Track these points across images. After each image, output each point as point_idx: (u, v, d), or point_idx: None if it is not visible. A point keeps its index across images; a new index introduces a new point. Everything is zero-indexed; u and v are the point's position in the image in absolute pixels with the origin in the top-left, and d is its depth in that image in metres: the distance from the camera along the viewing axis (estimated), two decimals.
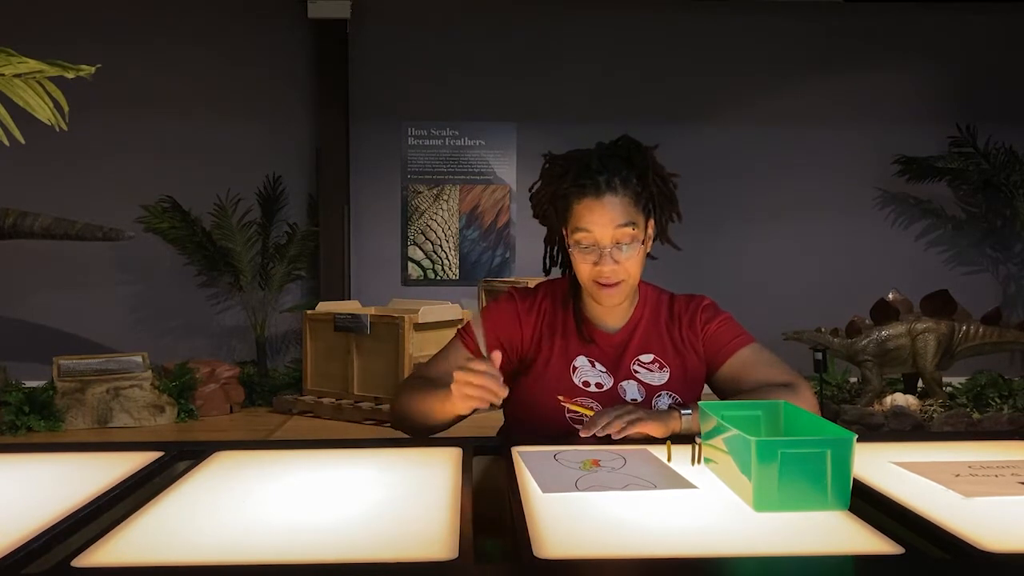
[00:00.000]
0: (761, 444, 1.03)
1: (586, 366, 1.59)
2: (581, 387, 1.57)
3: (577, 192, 1.51)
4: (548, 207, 1.59)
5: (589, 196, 1.50)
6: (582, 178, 1.51)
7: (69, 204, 5.33)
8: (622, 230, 1.50)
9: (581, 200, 1.51)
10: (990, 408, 4.47)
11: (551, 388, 1.57)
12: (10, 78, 2.81)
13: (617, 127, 1.97)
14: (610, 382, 1.58)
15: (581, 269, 1.54)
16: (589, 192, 1.50)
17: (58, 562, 0.87)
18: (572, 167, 1.53)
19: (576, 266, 1.55)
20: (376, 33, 5.96)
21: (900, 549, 0.89)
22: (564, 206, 1.54)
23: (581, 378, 1.58)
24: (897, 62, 6.09)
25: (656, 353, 1.62)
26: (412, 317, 4.85)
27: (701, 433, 1.26)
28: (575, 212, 1.52)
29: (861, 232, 6.10)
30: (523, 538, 0.92)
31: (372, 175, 6.03)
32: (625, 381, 1.58)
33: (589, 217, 1.50)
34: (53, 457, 1.33)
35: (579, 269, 1.55)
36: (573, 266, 1.57)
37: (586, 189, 1.50)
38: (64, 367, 4.80)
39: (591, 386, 1.57)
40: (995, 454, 1.31)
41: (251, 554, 0.90)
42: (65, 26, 5.70)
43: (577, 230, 1.51)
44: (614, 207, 1.49)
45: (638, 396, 1.57)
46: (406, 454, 1.33)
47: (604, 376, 1.58)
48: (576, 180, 1.51)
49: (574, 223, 1.52)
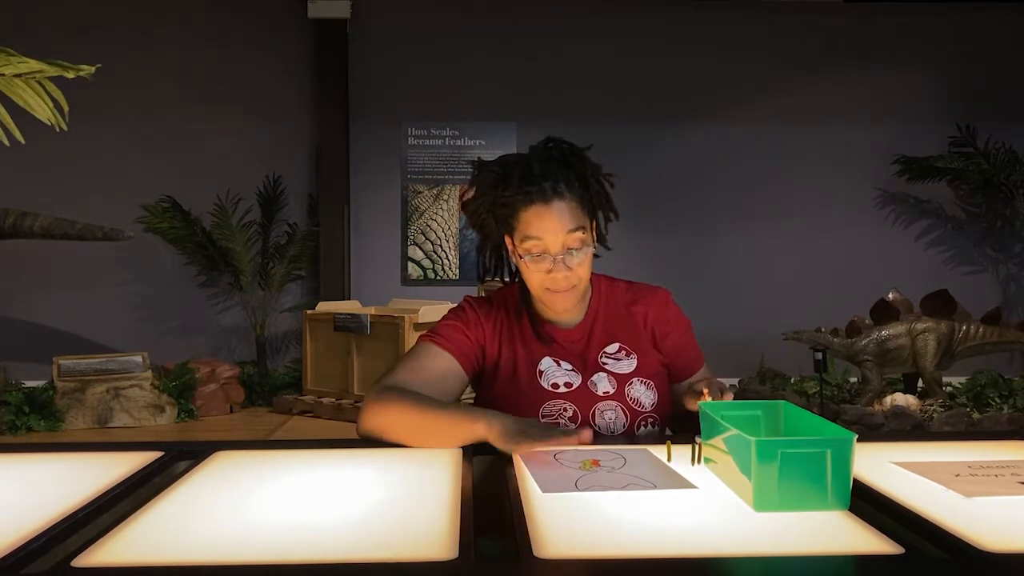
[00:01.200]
0: (761, 444, 1.03)
1: (552, 367, 1.58)
2: (551, 390, 1.55)
3: (523, 200, 1.48)
4: (486, 215, 1.55)
5: (537, 203, 1.47)
6: (527, 185, 1.47)
7: (69, 204, 5.33)
8: (572, 235, 1.48)
9: (528, 207, 1.47)
10: (990, 408, 4.47)
11: (522, 394, 1.56)
12: (10, 78, 2.81)
13: (617, 127, 1.98)
14: (579, 379, 1.57)
15: (532, 278, 1.52)
16: (536, 199, 1.47)
17: (58, 562, 0.87)
18: (513, 173, 1.49)
19: (527, 275, 1.53)
20: (376, 33, 5.96)
21: (900, 549, 0.89)
22: (508, 214, 1.51)
23: (549, 380, 1.56)
24: (897, 62, 6.09)
25: (621, 341, 1.61)
26: (412, 317, 4.85)
27: (701, 433, 1.26)
28: (523, 220, 1.48)
29: (861, 232, 6.10)
30: (523, 538, 0.92)
31: (372, 175, 6.03)
32: (595, 375, 1.57)
33: (539, 224, 1.47)
34: (53, 457, 1.33)
35: (530, 278, 1.52)
36: (523, 274, 1.55)
37: (533, 196, 1.47)
38: (64, 367, 4.80)
39: (560, 387, 1.56)
40: (995, 454, 1.31)
41: (251, 554, 0.90)
42: (65, 26, 5.71)
43: (527, 238, 1.48)
44: (562, 213, 1.47)
45: (610, 387, 1.56)
46: (406, 454, 1.33)
47: (572, 374, 1.57)
48: (521, 187, 1.47)
49: (523, 231, 1.49)
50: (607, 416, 1.55)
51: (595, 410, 1.55)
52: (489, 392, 1.61)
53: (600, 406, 1.55)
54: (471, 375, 1.61)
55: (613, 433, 1.54)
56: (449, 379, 1.55)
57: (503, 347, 1.60)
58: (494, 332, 1.60)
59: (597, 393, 1.56)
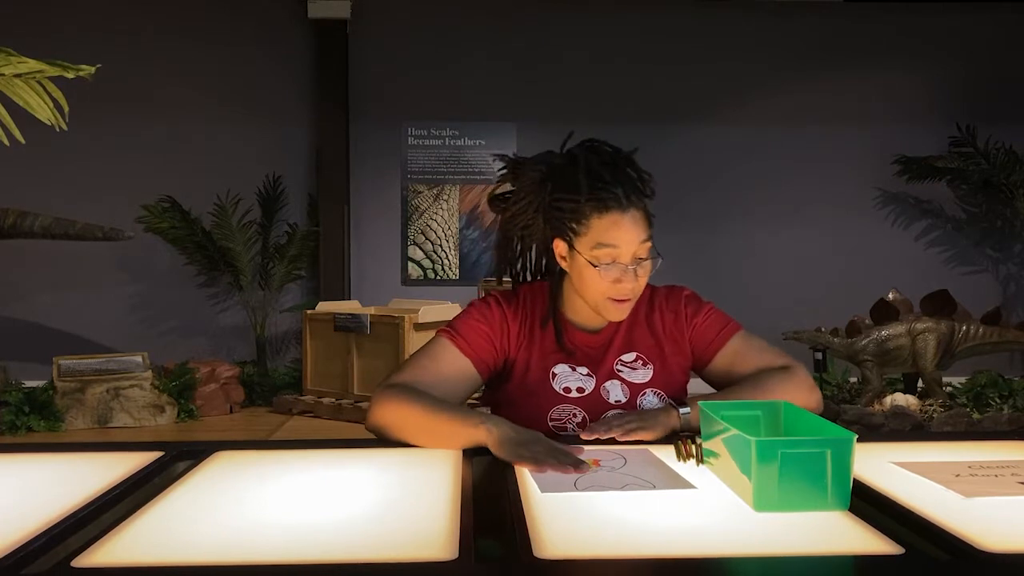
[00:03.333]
0: (761, 444, 1.03)
1: (566, 371, 1.54)
2: (562, 393, 1.52)
3: (597, 206, 1.42)
4: (532, 215, 1.51)
5: (614, 211, 1.42)
6: (601, 191, 1.42)
7: (69, 204, 5.34)
8: (644, 245, 1.45)
9: (604, 214, 1.42)
10: (990, 408, 4.47)
11: (532, 396, 1.53)
12: (10, 78, 2.81)
13: (617, 127, 1.98)
14: (592, 385, 1.54)
15: (597, 286, 1.45)
16: (613, 206, 1.42)
17: (58, 562, 0.87)
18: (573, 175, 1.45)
19: (589, 282, 1.46)
20: (376, 33, 5.97)
21: (900, 549, 0.89)
22: (572, 218, 1.44)
23: (561, 384, 1.53)
24: (897, 62, 6.09)
25: (639, 351, 1.58)
26: (412, 317, 4.85)
27: (700, 433, 1.26)
28: (596, 227, 1.42)
29: (861, 232, 6.10)
30: (523, 538, 0.92)
31: (372, 175, 6.03)
32: (608, 382, 1.55)
33: (616, 233, 1.42)
34: (53, 457, 1.33)
35: (593, 285, 1.46)
36: (582, 281, 1.48)
37: (609, 203, 1.42)
38: (64, 367, 4.80)
39: (572, 392, 1.53)
40: (995, 454, 1.31)
41: (251, 554, 0.90)
42: (65, 26, 5.71)
43: (602, 246, 1.42)
44: (637, 222, 1.44)
45: (622, 396, 1.54)
46: (406, 454, 1.33)
47: (585, 379, 1.54)
48: (594, 192, 1.43)
49: (596, 238, 1.43)
50: None
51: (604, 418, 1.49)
52: (498, 391, 1.59)
53: (609, 414, 1.49)
54: (486, 379, 1.58)
55: None
56: (462, 382, 1.52)
57: (523, 345, 1.56)
58: (518, 335, 1.56)
59: (608, 401, 1.53)
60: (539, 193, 1.50)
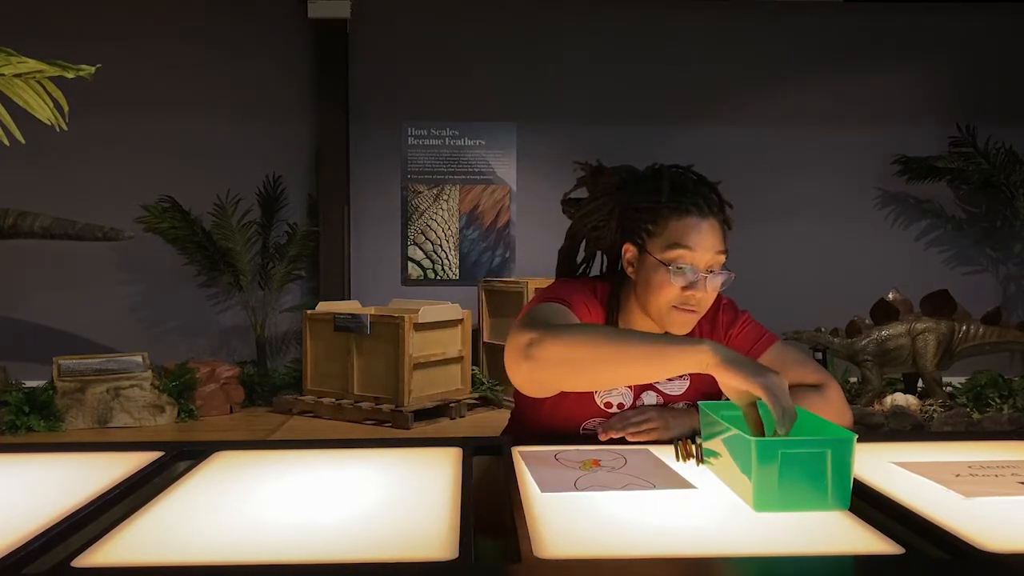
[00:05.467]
0: (761, 444, 1.03)
1: None
2: (603, 408, 1.51)
3: (677, 209, 1.42)
4: (606, 218, 1.50)
5: (694, 215, 1.42)
6: (682, 196, 1.43)
7: (69, 204, 5.34)
8: (718, 256, 1.43)
9: (683, 218, 1.42)
10: (990, 408, 4.47)
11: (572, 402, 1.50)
12: (10, 78, 2.81)
13: (617, 127, 1.98)
14: (630, 400, 1.52)
15: (667, 292, 1.42)
16: (693, 211, 1.42)
17: (58, 562, 0.87)
18: (654, 182, 1.45)
19: (658, 288, 1.42)
20: (376, 33, 5.96)
21: (900, 549, 0.89)
22: (648, 219, 1.43)
23: (604, 399, 1.51)
24: (897, 62, 6.09)
25: None
26: (412, 317, 4.85)
27: (701, 433, 1.26)
28: (674, 228, 1.41)
29: (861, 232, 6.10)
30: (523, 538, 0.92)
31: (372, 175, 6.03)
32: (644, 393, 1.53)
33: (694, 236, 1.41)
34: (53, 457, 1.33)
35: (663, 291, 1.42)
36: (647, 287, 1.44)
37: (689, 208, 1.42)
38: (64, 367, 4.80)
39: (613, 406, 1.51)
40: (995, 454, 1.31)
41: (251, 554, 0.90)
42: (65, 26, 5.70)
43: (677, 246, 1.40)
44: (715, 230, 1.43)
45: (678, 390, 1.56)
46: (406, 454, 1.33)
47: (626, 394, 1.52)
48: (676, 196, 1.43)
49: (672, 239, 1.41)
50: None
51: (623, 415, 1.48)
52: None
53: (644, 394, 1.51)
54: None
55: None
56: None
57: None
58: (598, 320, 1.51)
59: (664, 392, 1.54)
60: (616, 196, 1.49)
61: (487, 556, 0.96)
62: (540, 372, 1.30)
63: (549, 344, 1.25)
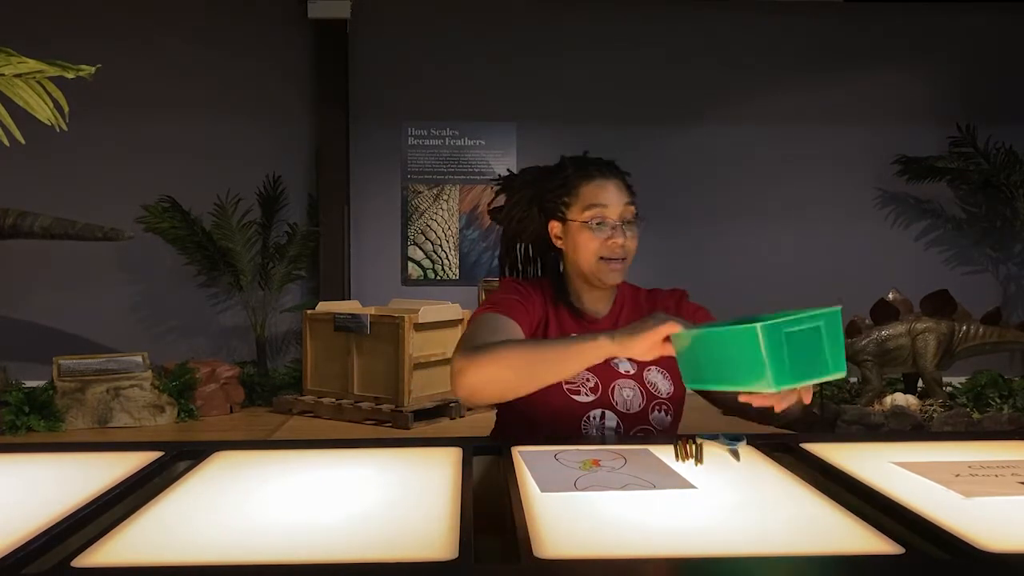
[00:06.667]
0: (768, 328, 1.05)
1: None
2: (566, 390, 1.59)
3: (584, 176, 1.62)
4: (527, 208, 1.68)
5: (598, 178, 1.61)
6: (585, 165, 1.63)
7: (69, 204, 5.34)
8: (628, 208, 1.61)
9: (590, 182, 1.61)
10: (990, 408, 4.47)
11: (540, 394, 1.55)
12: (10, 78, 2.81)
13: (617, 127, 1.99)
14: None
15: (590, 246, 1.59)
16: (596, 175, 1.62)
17: (58, 562, 0.87)
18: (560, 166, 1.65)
19: (584, 245, 1.60)
20: (376, 33, 5.97)
21: (900, 549, 0.89)
22: (562, 194, 1.62)
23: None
24: (897, 62, 6.09)
25: None
26: (412, 317, 4.85)
27: (678, 354, 1.23)
28: (584, 193, 1.60)
29: (861, 232, 6.10)
30: (523, 538, 0.92)
31: (372, 175, 6.03)
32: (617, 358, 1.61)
33: (603, 194, 1.59)
34: (53, 457, 1.33)
35: (587, 246, 1.60)
36: (577, 247, 1.61)
37: (593, 172, 1.62)
38: (64, 367, 4.80)
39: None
40: (995, 454, 1.31)
41: (251, 554, 0.90)
42: (65, 26, 5.71)
43: (591, 207, 1.59)
44: (620, 187, 1.62)
45: (630, 368, 1.63)
46: (406, 454, 1.33)
47: None
48: (579, 167, 1.63)
49: (585, 201, 1.60)
50: (625, 393, 1.60)
51: (615, 385, 1.61)
52: None
53: (620, 382, 1.61)
54: None
55: (629, 410, 1.58)
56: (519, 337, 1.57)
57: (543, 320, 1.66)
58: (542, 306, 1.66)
59: (618, 370, 1.63)
60: (530, 188, 1.69)
61: (487, 556, 0.96)
62: (472, 393, 1.43)
63: (472, 370, 1.39)
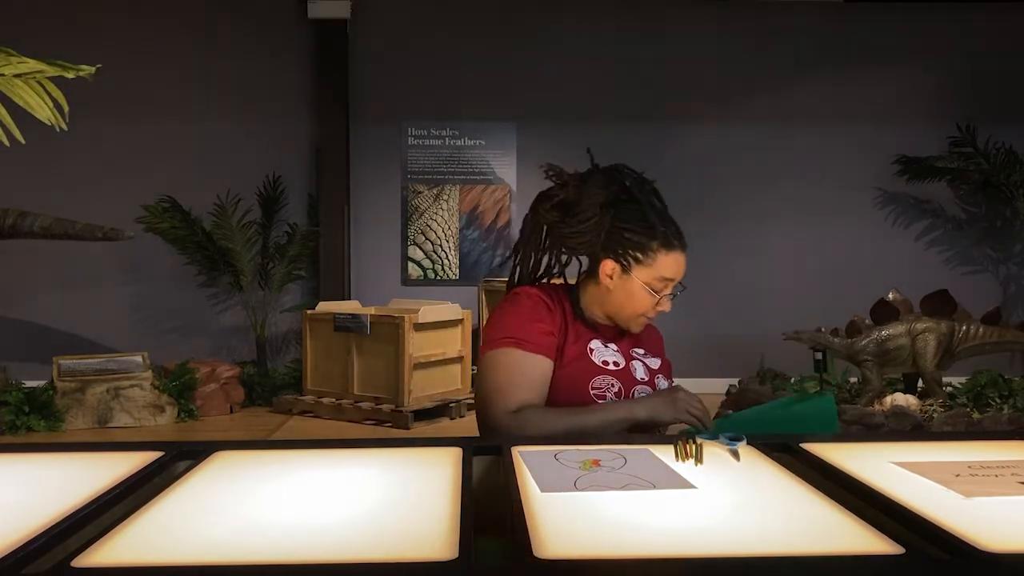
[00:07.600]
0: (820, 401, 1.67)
1: (600, 347, 1.72)
2: (600, 366, 1.69)
3: (666, 244, 1.66)
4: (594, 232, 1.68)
5: (677, 250, 1.68)
6: (669, 233, 1.66)
7: (69, 204, 5.33)
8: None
9: (670, 252, 1.67)
10: (990, 408, 4.47)
11: (575, 368, 1.68)
12: (10, 78, 2.81)
13: (616, 127, 2.00)
14: (623, 362, 1.72)
15: (642, 305, 1.69)
16: (677, 247, 1.68)
17: (58, 562, 0.87)
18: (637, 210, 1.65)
19: (638, 304, 1.69)
20: (376, 33, 5.97)
21: (900, 549, 0.89)
22: (637, 246, 1.65)
23: (600, 357, 1.70)
24: (897, 62, 6.09)
25: (645, 348, 1.82)
26: (412, 317, 4.85)
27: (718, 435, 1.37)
28: (663, 261, 1.66)
29: (861, 232, 6.10)
30: (523, 538, 0.92)
31: (372, 175, 6.03)
32: (632, 362, 1.74)
33: (676, 269, 1.68)
34: (53, 457, 1.33)
35: (640, 306, 1.69)
36: (625, 299, 1.69)
37: (675, 244, 1.67)
38: (64, 367, 4.80)
39: (609, 364, 1.70)
40: (995, 454, 1.31)
41: (251, 554, 0.90)
42: (65, 26, 5.71)
43: (666, 280, 1.67)
44: (685, 259, 1.70)
45: (644, 375, 1.74)
46: (406, 454, 1.33)
47: (618, 355, 1.72)
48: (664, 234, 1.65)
49: (661, 271, 1.66)
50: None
51: (634, 391, 1.70)
52: None
53: (638, 388, 1.71)
54: None
55: None
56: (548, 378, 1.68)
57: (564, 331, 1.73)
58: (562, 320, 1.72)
59: (636, 377, 1.73)
60: (603, 216, 1.68)
61: (487, 556, 0.96)
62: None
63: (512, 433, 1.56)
